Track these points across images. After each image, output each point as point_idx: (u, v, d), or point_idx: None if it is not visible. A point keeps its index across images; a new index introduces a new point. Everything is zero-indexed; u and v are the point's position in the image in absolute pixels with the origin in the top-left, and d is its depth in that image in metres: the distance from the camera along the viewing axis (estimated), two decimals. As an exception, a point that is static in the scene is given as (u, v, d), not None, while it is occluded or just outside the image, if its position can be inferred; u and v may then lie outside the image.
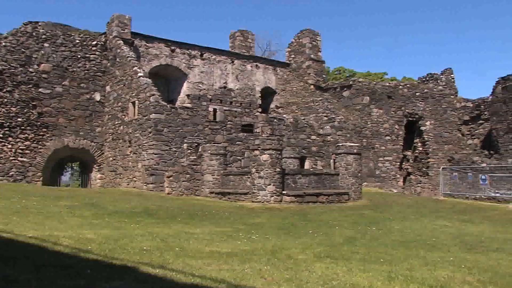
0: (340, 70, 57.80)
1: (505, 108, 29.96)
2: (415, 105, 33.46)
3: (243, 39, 35.56)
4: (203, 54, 32.18)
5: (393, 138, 32.59)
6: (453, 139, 34.33)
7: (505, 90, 30.09)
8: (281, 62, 37.02)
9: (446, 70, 36.87)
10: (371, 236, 11.76)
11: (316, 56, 35.42)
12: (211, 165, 23.37)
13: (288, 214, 16.56)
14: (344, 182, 22.37)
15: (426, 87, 34.65)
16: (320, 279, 6.69)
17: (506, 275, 7.47)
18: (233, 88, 33.17)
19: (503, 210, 19.85)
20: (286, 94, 35.62)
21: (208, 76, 32.10)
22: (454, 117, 34.71)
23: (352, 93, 32.98)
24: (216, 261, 7.69)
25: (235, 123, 26.22)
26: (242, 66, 34.06)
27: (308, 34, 35.52)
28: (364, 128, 31.94)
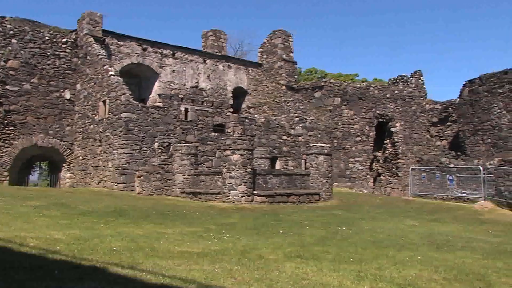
0: (312, 71, 58.10)
1: (471, 110, 30.56)
2: (386, 106, 33.89)
3: (215, 39, 35.50)
4: (175, 53, 32.03)
5: (363, 139, 32.95)
6: (422, 140, 34.88)
7: (472, 93, 30.70)
8: (253, 63, 37.10)
9: (416, 72, 37.42)
10: (341, 236, 11.85)
11: (288, 56, 35.60)
12: (182, 165, 23.27)
13: (259, 214, 16.58)
14: (315, 182, 22.53)
15: (396, 89, 35.12)
16: (290, 279, 6.73)
17: (470, 273, 7.64)
18: (205, 87, 33.10)
19: (469, 210, 20.24)
20: (258, 94, 35.70)
21: (180, 75, 31.96)
22: (423, 118, 35.29)
23: (324, 94, 33.22)
24: (186, 261, 7.66)
25: (206, 123, 26.17)
26: (214, 65, 34.01)
27: (280, 34, 35.67)
28: (335, 129, 32.21)
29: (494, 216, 18.54)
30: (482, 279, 7.24)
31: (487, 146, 29.04)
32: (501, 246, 11.00)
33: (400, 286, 6.68)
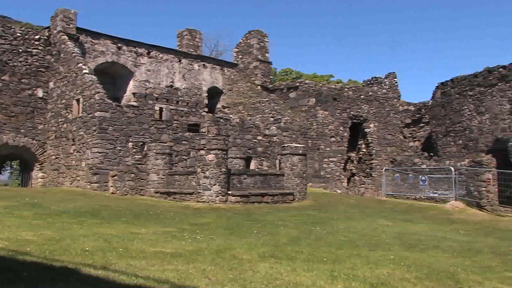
0: (287, 72, 58.31)
1: (443, 112, 31.05)
2: (360, 107, 34.20)
3: (191, 38, 35.35)
4: (150, 52, 31.82)
5: (338, 140, 33.18)
6: (395, 141, 35.32)
7: (444, 95, 31.20)
8: (229, 62, 37.07)
9: (390, 74, 37.90)
10: (315, 236, 11.92)
11: (264, 57, 35.67)
12: (156, 165, 23.15)
13: (234, 214, 16.59)
14: (289, 182, 22.61)
15: (370, 90, 35.48)
16: (264, 279, 6.75)
17: (441, 271, 7.77)
18: (180, 87, 32.96)
19: (440, 210, 20.53)
20: (233, 94, 35.69)
21: (154, 74, 31.76)
22: (396, 120, 35.74)
23: (299, 94, 33.36)
24: (160, 261, 7.64)
25: (181, 122, 26.07)
26: (190, 65, 33.89)
27: (256, 35, 35.73)
28: (310, 130, 32.37)
29: (464, 216, 18.87)
30: (451, 277, 7.38)
31: (458, 147, 29.54)
32: (470, 245, 11.22)
33: (372, 285, 6.74)
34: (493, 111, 27.22)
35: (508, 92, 26.39)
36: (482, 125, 27.88)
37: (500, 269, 8.30)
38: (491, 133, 27.25)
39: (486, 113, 27.67)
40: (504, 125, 26.51)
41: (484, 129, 27.70)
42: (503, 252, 10.30)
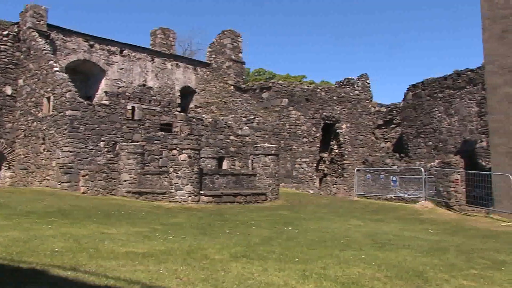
0: (260, 72, 58.45)
1: (414, 113, 31.52)
2: (332, 108, 34.45)
3: (164, 37, 35.15)
4: (123, 50, 31.53)
5: (310, 140, 33.37)
6: (367, 142, 35.68)
7: (415, 97, 31.67)
8: (202, 62, 36.97)
9: (362, 75, 38.28)
10: (287, 236, 11.96)
11: (237, 57, 35.68)
12: (128, 164, 22.96)
13: (206, 214, 16.56)
14: (262, 182, 22.67)
15: (343, 91, 35.76)
16: (236, 279, 6.76)
17: (410, 270, 7.89)
18: (153, 86, 32.75)
19: (411, 210, 20.80)
20: (206, 94, 35.61)
21: (127, 73, 31.49)
22: (368, 121, 36.10)
23: (271, 95, 33.44)
24: (131, 261, 7.59)
25: (153, 122, 25.90)
26: (162, 64, 33.70)
27: (229, 34, 35.71)
28: (282, 130, 32.48)
29: (433, 216, 19.17)
30: (420, 276, 7.50)
31: (428, 148, 30.02)
32: (438, 244, 11.42)
33: (344, 284, 6.79)
34: (462, 113, 27.74)
35: (476, 95, 26.92)
36: (451, 127, 28.38)
37: (466, 267, 8.49)
38: (460, 135, 27.77)
39: (455, 115, 28.19)
40: (472, 127, 27.04)
41: (453, 130, 28.21)
42: (468, 250, 10.53)
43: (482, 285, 7.11)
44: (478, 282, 7.31)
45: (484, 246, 11.49)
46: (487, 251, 10.47)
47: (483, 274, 7.91)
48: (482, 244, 11.79)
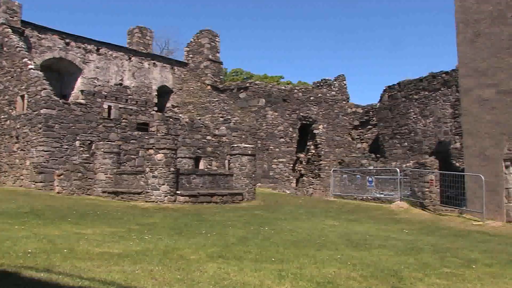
0: (238, 72, 58.46)
1: (390, 115, 31.83)
2: (309, 109, 34.61)
3: (141, 36, 34.93)
4: (100, 49, 31.24)
5: (287, 141, 33.48)
6: (344, 143, 35.92)
7: (391, 98, 31.98)
8: (179, 61, 36.83)
9: (339, 76, 38.49)
10: (263, 236, 11.98)
11: (214, 56, 35.63)
12: (104, 164, 22.76)
13: (182, 214, 16.51)
14: (238, 182, 22.68)
15: (320, 92, 35.94)
16: (212, 279, 6.76)
17: (385, 269, 7.98)
18: (129, 85, 32.52)
19: (386, 210, 21.01)
20: (183, 93, 35.48)
21: (103, 72, 31.21)
22: (345, 121, 36.35)
23: (249, 95, 33.47)
24: (106, 262, 7.53)
25: (130, 121, 25.74)
26: (139, 63, 33.48)
27: (207, 34, 35.64)
28: (259, 130, 32.54)
29: (408, 216, 19.40)
30: (395, 275, 7.58)
31: (404, 149, 30.34)
32: (413, 244, 11.55)
33: (319, 284, 6.82)
34: (437, 115, 28.11)
35: (450, 96, 27.31)
36: (426, 128, 28.74)
37: (439, 265, 8.62)
38: (435, 136, 28.14)
39: (430, 117, 28.55)
40: (446, 128, 27.43)
41: (428, 132, 28.58)
42: (442, 249, 10.69)
43: (454, 283, 7.24)
44: (450, 280, 7.44)
45: (457, 245, 11.69)
46: (460, 250, 10.66)
47: (455, 272, 8.06)
48: (455, 243, 12.00)
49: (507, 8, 18.08)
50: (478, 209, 18.19)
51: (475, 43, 19.08)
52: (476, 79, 18.93)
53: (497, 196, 17.84)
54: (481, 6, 18.93)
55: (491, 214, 17.79)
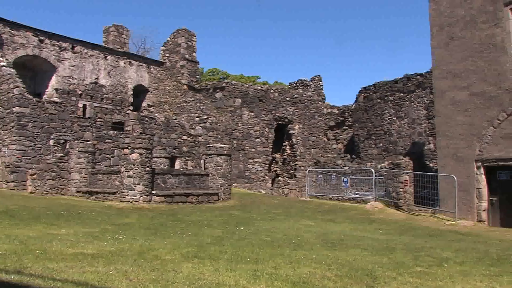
0: (214, 72, 58.32)
1: (366, 116, 32.11)
2: (285, 109, 34.71)
3: (117, 35, 34.58)
4: (75, 47, 30.82)
5: (263, 141, 33.52)
6: (319, 143, 36.10)
7: (366, 99, 32.27)
8: (155, 61, 36.58)
9: (315, 77, 38.71)
10: (239, 236, 12.00)
11: (191, 56, 35.50)
12: (78, 163, 22.54)
13: (157, 214, 16.44)
14: (214, 182, 22.65)
15: (296, 93, 36.07)
16: (187, 279, 6.73)
17: (360, 269, 8.04)
18: (105, 84, 32.18)
19: (361, 210, 21.20)
20: (159, 93, 35.27)
21: (79, 70, 30.81)
22: (321, 122, 36.54)
23: (225, 95, 33.43)
24: (80, 263, 7.45)
25: (105, 120, 25.51)
26: (115, 62, 33.16)
27: (184, 34, 35.48)
28: (235, 130, 32.52)
29: (383, 216, 19.62)
30: (369, 274, 7.65)
31: (379, 150, 30.65)
32: (387, 243, 11.69)
33: (294, 284, 6.83)
34: (411, 116, 28.46)
35: (424, 98, 27.67)
36: (401, 129, 29.08)
37: (412, 265, 8.74)
38: (409, 137, 28.49)
39: (405, 118, 28.89)
40: (421, 129, 27.78)
41: (403, 133, 28.91)
42: (415, 248, 10.84)
43: (426, 282, 7.34)
44: (423, 278, 7.54)
45: (430, 244, 11.87)
46: (432, 249, 10.81)
47: (428, 271, 8.17)
48: (428, 243, 12.19)
49: (478, 13, 18.44)
50: (450, 209, 18.50)
51: (449, 46, 19.40)
52: (450, 82, 19.25)
53: (469, 196, 18.18)
54: (455, 11, 19.27)
55: (463, 214, 18.12)
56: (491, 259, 9.60)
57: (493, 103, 17.76)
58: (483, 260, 9.43)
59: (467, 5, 18.86)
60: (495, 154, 17.62)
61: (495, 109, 17.66)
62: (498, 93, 17.61)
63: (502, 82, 17.52)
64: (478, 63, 18.33)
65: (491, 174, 18.05)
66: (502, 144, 17.39)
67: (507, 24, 17.54)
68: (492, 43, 17.96)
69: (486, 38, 18.14)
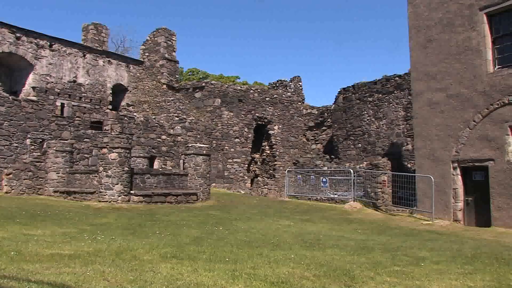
0: (194, 71, 58.11)
1: (345, 116, 32.31)
2: (265, 109, 34.76)
3: (96, 33, 34.22)
4: (53, 45, 30.43)
5: (242, 141, 33.53)
6: (298, 144, 36.23)
7: (346, 100, 32.47)
8: (135, 60, 36.32)
9: (295, 77, 38.82)
10: (217, 236, 12.00)
11: (171, 55, 35.34)
12: (56, 163, 22.30)
13: (136, 214, 16.36)
14: (193, 182, 22.59)
15: (275, 93, 36.14)
16: (165, 280, 6.71)
17: (338, 269, 8.09)
18: (83, 83, 31.84)
19: (339, 210, 21.33)
20: (138, 92, 35.05)
21: (57, 68, 30.43)
22: (300, 122, 36.68)
23: (204, 94, 33.36)
24: (56, 264, 7.37)
25: (83, 119, 25.29)
26: (94, 60, 32.84)
27: (163, 33, 35.30)
28: (214, 130, 32.47)
29: (361, 216, 19.77)
30: (347, 274, 7.70)
31: (357, 150, 30.86)
32: (365, 243, 11.80)
33: (273, 284, 6.84)
34: (390, 117, 28.72)
35: (403, 99, 27.95)
36: (379, 130, 29.33)
37: (390, 264, 8.83)
38: (388, 138, 28.74)
39: (383, 119, 29.15)
40: (399, 130, 28.06)
41: (381, 133, 29.16)
42: (393, 248, 10.95)
43: (403, 281, 7.42)
44: (400, 278, 7.62)
45: (407, 244, 12.00)
46: (410, 249, 10.94)
47: (405, 270, 8.26)
48: (405, 242, 12.32)
49: (455, 17, 18.71)
50: (427, 209, 18.72)
51: (427, 48, 19.64)
52: (427, 83, 19.49)
53: (445, 196, 18.42)
54: (432, 14, 19.52)
55: (440, 214, 18.36)
56: (466, 258, 9.76)
57: (469, 105, 18.03)
58: (458, 259, 9.58)
59: (444, 8, 19.12)
60: (470, 155, 17.88)
61: (471, 111, 17.93)
62: (473, 95, 17.88)
63: (477, 85, 17.80)
64: (454, 65, 18.59)
65: (467, 175, 18.31)
66: (478, 145, 17.66)
67: (482, 28, 17.83)
68: (468, 46, 18.23)
69: (462, 41, 18.42)
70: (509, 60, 17.31)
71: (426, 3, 19.79)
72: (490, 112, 17.36)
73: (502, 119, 17.00)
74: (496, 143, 17.11)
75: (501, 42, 17.70)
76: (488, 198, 17.17)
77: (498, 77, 17.29)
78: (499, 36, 17.69)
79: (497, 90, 17.17)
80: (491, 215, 17.01)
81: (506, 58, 17.45)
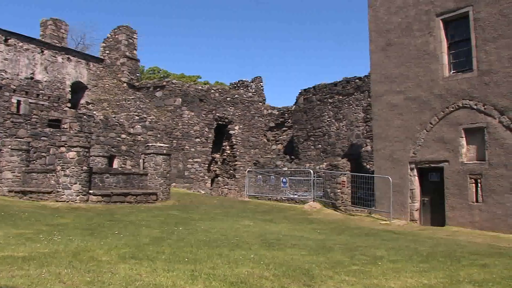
0: (155, 70, 57.67)
1: (305, 117, 32.57)
2: (226, 109, 34.75)
3: (55, 29, 33.51)
4: (8, 39, 29.65)
5: (202, 141, 33.43)
6: (259, 144, 36.35)
7: (306, 101, 32.73)
8: (95, 57, 35.75)
9: (256, 78, 38.94)
10: (177, 236, 11.92)
11: (132, 54, 34.95)
12: (11, 161, 21.73)
13: (95, 214, 16.11)
14: (153, 182, 22.40)
15: (236, 93, 36.18)
16: (123, 281, 6.64)
17: (297, 268, 8.15)
18: (41, 79, 31.15)
19: (299, 210, 21.48)
20: (98, 90, 34.52)
21: (13, 64, 29.67)
22: (261, 123, 36.81)
23: (165, 94, 33.11)
24: (9, 266, 7.18)
25: (41, 117, 24.77)
26: (53, 57, 32.17)
27: (125, 31, 34.88)
28: (175, 130, 32.27)
29: (321, 216, 19.96)
30: (306, 273, 7.76)
31: (317, 151, 31.15)
32: (324, 243, 11.91)
33: (232, 283, 6.86)
34: (349, 119, 29.11)
35: (362, 101, 28.37)
36: (339, 131, 29.69)
37: (349, 263, 8.95)
38: (347, 139, 29.12)
39: (343, 120, 29.52)
40: (358, 131, 28.47)
41: (341, 134, 29.53)
42: (352, 248, 11.10)
43: (361, 279, 7.54)
44: (358, 277, 7.74)
45: (366, 243, 12.19)
46: (368, 248, 11.12)
47: (363, 269, 8.41)
48: (364, 242, 12.50)
49: (414, 22, 19.14)
50: (385, 209, 19.07)
51: (386, 51, 20.01)
52: (387, 86, 19.86)
53: (403, 197, 18.80)
54: (392, 18, 19.90)
55: (397, 214, 18.73)
56: (421, 256, 10.01)
57: (426, 108, 18.45)
58: (413, 258, 9.81)
59: (403, 13, 19.52)
60: (427, 157, 18.30)
61: (428, 114, 18.36)
62: (430, 98, 18.32)
63: (434, 88, 18.24)
64: (413, 69, 19.00)
65: (424, 176, 18.74)
66: (434, 147, 18.10)
67: (438, 33, 18.31)
68: (425, 50, 18.67)
69: (420, 45, 18.84)
70: (463, 65, 17.86)
71: (386, 7, 20.17)
72: (446, 115, 17.83)
73: (457, 122, 17.49)
74: (451, 145, 17.59)
75: (456, 47, 18.21)
76: (443, 198, 17.62)
77: (453, 81, 17.78)
78: (454, 41, 18.21)
79: (452, 94, 17.66)
80: (446, 215, 17.48)
81: (460, 63, 18.00)
